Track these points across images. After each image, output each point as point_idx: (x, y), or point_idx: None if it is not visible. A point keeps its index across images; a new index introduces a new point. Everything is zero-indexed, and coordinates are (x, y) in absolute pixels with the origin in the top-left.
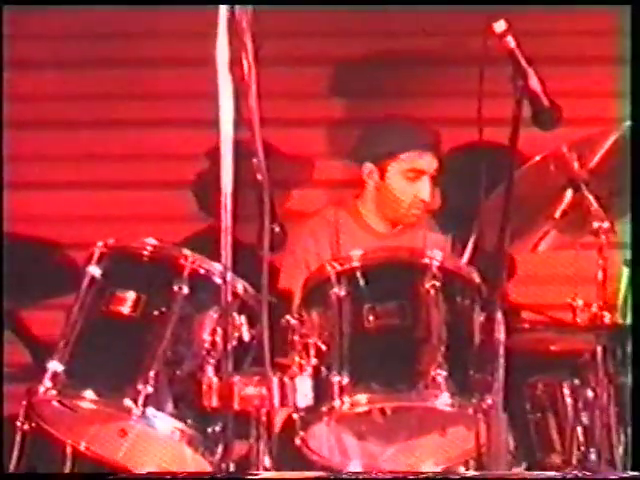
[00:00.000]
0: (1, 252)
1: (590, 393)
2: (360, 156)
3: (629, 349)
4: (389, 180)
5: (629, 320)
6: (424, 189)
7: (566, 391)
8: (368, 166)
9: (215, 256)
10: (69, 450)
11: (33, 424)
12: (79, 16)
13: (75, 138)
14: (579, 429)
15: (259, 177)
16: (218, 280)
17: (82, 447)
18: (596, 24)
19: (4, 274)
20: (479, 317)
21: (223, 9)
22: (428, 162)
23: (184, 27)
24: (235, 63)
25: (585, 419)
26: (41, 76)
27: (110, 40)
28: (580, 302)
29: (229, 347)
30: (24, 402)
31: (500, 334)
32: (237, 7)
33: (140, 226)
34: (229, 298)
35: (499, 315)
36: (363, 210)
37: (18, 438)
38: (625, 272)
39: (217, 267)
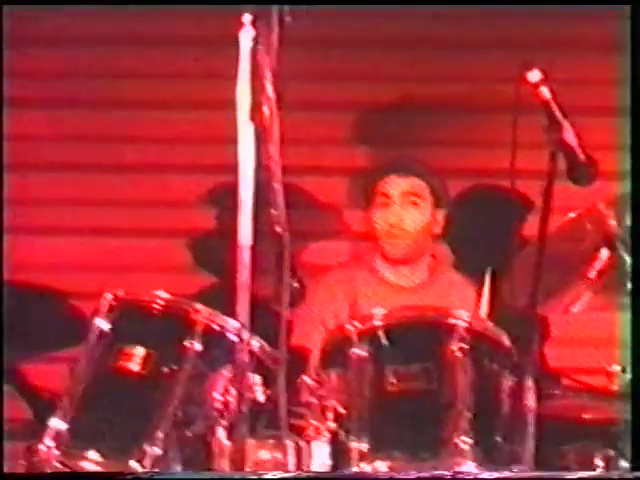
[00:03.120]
0: (1, 302)
1: (627, 464)
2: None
3: None
4: (373, 217)
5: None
6: (393, 213)
7: (600, 462)
8: (369, 213)
9: (227, 310)
10: None
11: None
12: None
13: (84, 181)
14: None
15: (278, 229)
16: (232, 337)
17: None
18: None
19: (4, 324)
20: (508, 382)
21: (246, 49)
22: (393, 184)
23: (202, 68)
24: (255, 108)
25: None
26: (45, 115)
27: (120, 80)
28: (616, 367)
29: (243, 409)
30: (23, 462)
31: (530, 401)
32: (259, 48)
33: (149, 276)
34: (246, 358)
35: (529, 381)
36: (377, 264)
37: None
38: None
39: (232, 323)
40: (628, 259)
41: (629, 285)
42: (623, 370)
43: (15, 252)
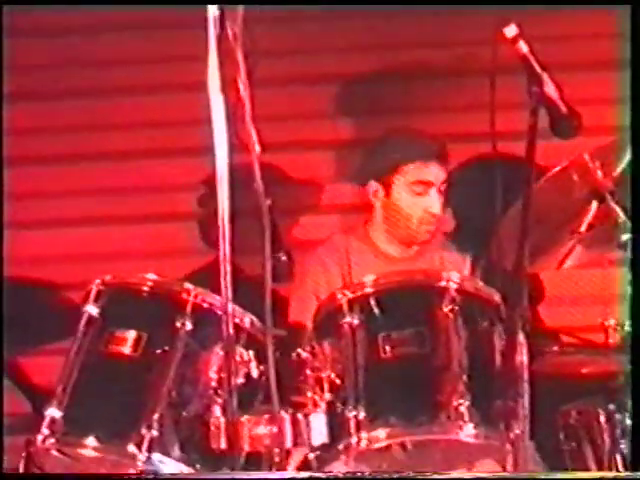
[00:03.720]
0: (1, 296)
1: (628, 419)
2: (364, 176)
3: None
4: (395, 196)
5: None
6: (433, 202)
7: (602, 418)
8: (373, 185)
9: (220, 290)
10: None
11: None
12: (60, 43)
13: (67, 172)
14: (618, 458)
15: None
16: (222, 314)
17: None
18: (612, 27)
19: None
20: (501, 340)
21: (212, 29)
22: (434, 173)
23: (174, 50)
24: (228, 85)
25: (624, 447)
26: (25, 108)
27: (99, 68)
28: (612, 322)
29: (233, 384)
30: (23, 454)
31: (523, 357)
32: (227, 23)
33: (140, 262)
34: (231, 331)
35: (521, 337)
36: (373, 235)
37: None
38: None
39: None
40: (618, 210)
41: (621, 237)
42: (620, 325)
43: (4, 246)
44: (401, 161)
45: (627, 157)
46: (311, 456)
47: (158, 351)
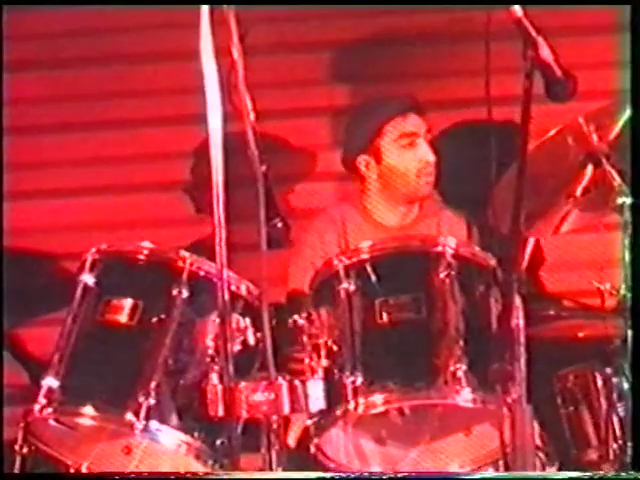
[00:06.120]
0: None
1: (625, 382)
2: (350, 154)
3: None
4: (387, 159)
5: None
6: (424, 151)
7: (599, 382)
8: (362, 158)
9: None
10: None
11: (32, 447)
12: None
13: (61, 142)
14: (615, 421)
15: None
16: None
17: (84, 469)
18: None
19: None
20: (497, 305)
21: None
22: (415, 123)
23: (166, 18)
24: (221, 52)
25: (621, 410)
26: (18, 78)
27: (89, 38)
28: (608, 285)
29: (229, 351)
30: (21, 424)
31: (519, 320)
32: None
33: (136, 231)
34: (226, 297)
35: (517, 300)
36: (369, 205)
37: (17, 463)
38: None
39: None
40: (614, 173)
41: (617, 200)
42: (616, 289)
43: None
44: (380, 123)
45: (623, 119)
46: (308, 422)
47: (154, 319)
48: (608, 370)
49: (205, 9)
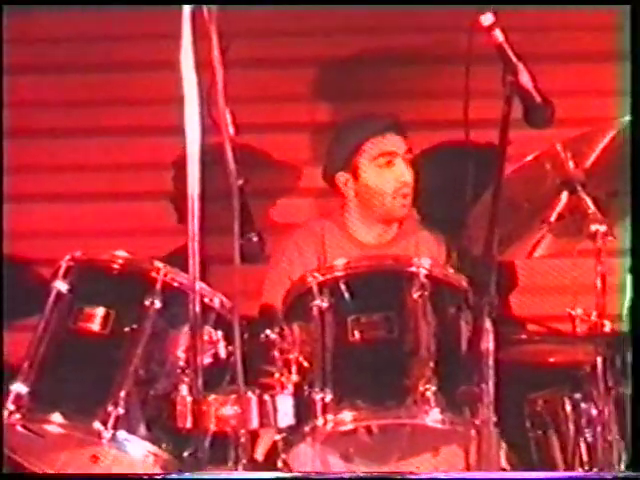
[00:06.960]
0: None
1: (593, 409)
2: (331, 170)
3: (629, 358)
4: (364, 176)
5: (628, 328)
6: (402, 171)
7: (568, 407)
8: (341, 175)
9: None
10: None
11: None
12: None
13: (37, 149)
14: (582, 446)
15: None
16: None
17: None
18: (591, 19)
19: None
20: (468, 327)
21: (187, 8)
22: (394, 142)
23: (149, 28)
24: (202, 65)
25: (588, 436)
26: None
27: (81, 44)
28: (579, 311)
29: (200, 363)
30: None
31: (489, 343)
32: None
33: (111, 240)
34: (198, 309)
35: (488, 323)
36: (349, 222)
37: None
38: (629, 280)
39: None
40: (589, 201)
41: (591, 227)
42: (588, 315)
43: None
44: (359, 140)
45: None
46: (277, 437)
47: (126, 329)
48: (577, 395)
49: (187, 18)
